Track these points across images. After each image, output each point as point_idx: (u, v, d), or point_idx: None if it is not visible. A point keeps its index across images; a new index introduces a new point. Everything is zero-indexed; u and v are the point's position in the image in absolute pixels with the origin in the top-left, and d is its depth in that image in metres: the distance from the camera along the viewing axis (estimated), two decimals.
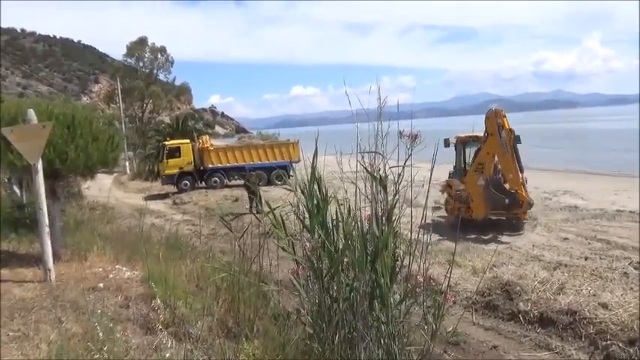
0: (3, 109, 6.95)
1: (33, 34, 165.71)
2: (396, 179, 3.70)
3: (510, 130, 13.45)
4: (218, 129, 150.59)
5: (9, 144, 6.02)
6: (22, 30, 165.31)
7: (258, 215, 5.22)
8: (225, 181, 29.43)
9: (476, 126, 16.74)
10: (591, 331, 6.53)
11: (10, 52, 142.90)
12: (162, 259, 6.64)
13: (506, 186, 14.03)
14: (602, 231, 13.28)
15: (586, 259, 10.50)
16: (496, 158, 13.93)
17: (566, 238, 12.71)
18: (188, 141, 30.25)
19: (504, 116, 13.58)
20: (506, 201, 13.52)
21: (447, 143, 13.77)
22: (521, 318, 7.29)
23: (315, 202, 3.59)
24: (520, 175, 13.60)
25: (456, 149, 15.97)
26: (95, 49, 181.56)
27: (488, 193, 13.76)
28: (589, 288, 8.04)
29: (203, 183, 29.44)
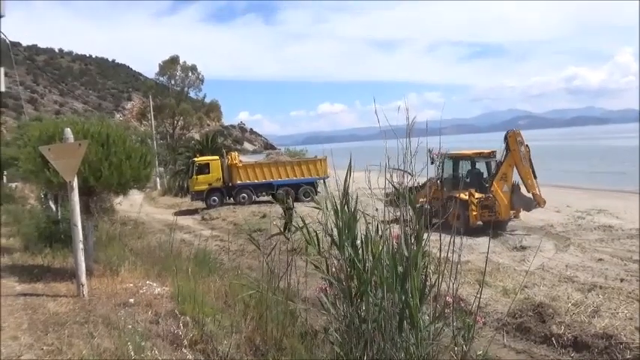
0: (41, 128, 7.19)
1: (70, 53, 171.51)
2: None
3: (527, 145, 16.95)
4: (247, 145, 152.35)
5: (46, 161, 6.21)
6: (60, 50, 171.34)
7: (287, 233, 5.21)
8: (254, 197, 29.60)
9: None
10: (628, 356, 6.31)
11: (48, 71, 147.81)
12: (191, 275, 6.70)
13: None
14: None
15: (622, 280, 10.19)
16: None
17: (600, 259, 12.37)
18: (217, 157, 30.56)
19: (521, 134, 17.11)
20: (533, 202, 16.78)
21: (432, 160, 15.26)
22: (554, 341, 7.08)
23: (345, 219, 3.58)
24: (535, 181, 16.92)
25: (443, 164, 18.11)
26: (129, 67, 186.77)
27: (517, 197, 16.99)
28: (625, 311, 7.79)
29: (231, 199, 29.68)
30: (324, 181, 5.61)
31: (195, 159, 30.81)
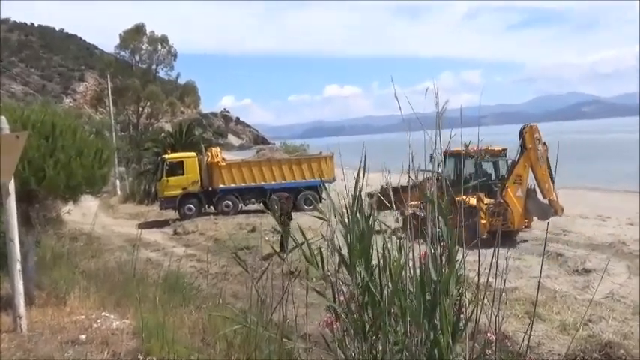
0: None
1: (6, 21, 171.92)
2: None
3: (544, 143, 18.39)
4: (231, 139, 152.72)
5: None
6: None
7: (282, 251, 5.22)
8: (240, 205, 29.64)
9: (563, 135, 17.25)
10: None
11: None
12: (159, 304, 6.71)
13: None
14: None
15: None
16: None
17: None
18: (194, 154, 30.64)
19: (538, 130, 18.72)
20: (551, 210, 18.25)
21: (431, 158, 16.98)
22: None
23: (358, 233, 3.56)
24: (552, 185, 18.49)
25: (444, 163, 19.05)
26: (81, 39, 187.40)
27: (533, 203, 18.50)
28: None
29: (212, 207, 29.72)
30: (324, 185, 5.60)
31: (166, 156, 30.87)
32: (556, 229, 18.91)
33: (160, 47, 59.28)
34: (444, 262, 3.56)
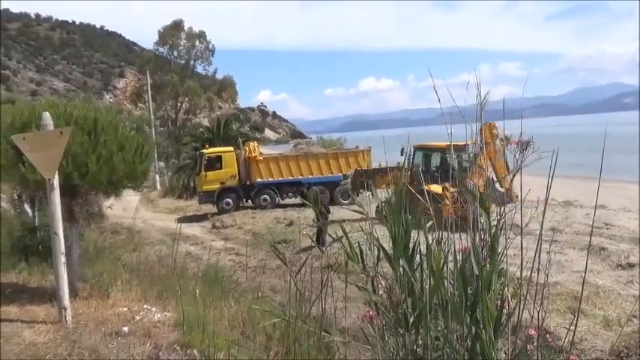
0: (14, 113, 7.35)
1: (49, 19, 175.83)
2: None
3: (502, 139, 19.57)
4: (268, 133, 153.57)
5: (20, 154, 6.35)
6: (37, 15, 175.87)
7: (320, 244, 5.21)
8: (278, 199, 29.76)
9: (601, 127, 16.83)
10: None
11: (22, 41, 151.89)
12: (199, 297, 6.77)
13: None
14: None
15: None
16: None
17: None
18: (232, 149, 30.83)
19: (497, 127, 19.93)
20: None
21: (402, 152, 19.49)
22: None
23: (403, 226, 3.53)
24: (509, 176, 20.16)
25: (413, 156, 22.88)
26: (121, 36, 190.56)
27: (491, 191, 20.69)
28: None
29: (250, 201, 29.91)
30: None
31: (204, 151, 31.14)
32: (599, 223, 18.53)
33: (197, 43, 59.89)
34: (485, 255, 3.51)
